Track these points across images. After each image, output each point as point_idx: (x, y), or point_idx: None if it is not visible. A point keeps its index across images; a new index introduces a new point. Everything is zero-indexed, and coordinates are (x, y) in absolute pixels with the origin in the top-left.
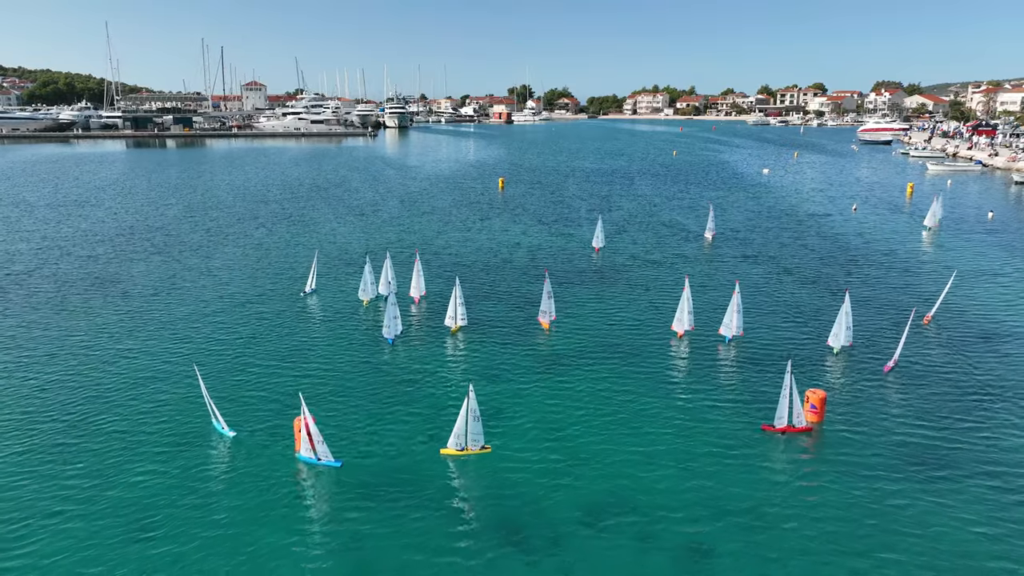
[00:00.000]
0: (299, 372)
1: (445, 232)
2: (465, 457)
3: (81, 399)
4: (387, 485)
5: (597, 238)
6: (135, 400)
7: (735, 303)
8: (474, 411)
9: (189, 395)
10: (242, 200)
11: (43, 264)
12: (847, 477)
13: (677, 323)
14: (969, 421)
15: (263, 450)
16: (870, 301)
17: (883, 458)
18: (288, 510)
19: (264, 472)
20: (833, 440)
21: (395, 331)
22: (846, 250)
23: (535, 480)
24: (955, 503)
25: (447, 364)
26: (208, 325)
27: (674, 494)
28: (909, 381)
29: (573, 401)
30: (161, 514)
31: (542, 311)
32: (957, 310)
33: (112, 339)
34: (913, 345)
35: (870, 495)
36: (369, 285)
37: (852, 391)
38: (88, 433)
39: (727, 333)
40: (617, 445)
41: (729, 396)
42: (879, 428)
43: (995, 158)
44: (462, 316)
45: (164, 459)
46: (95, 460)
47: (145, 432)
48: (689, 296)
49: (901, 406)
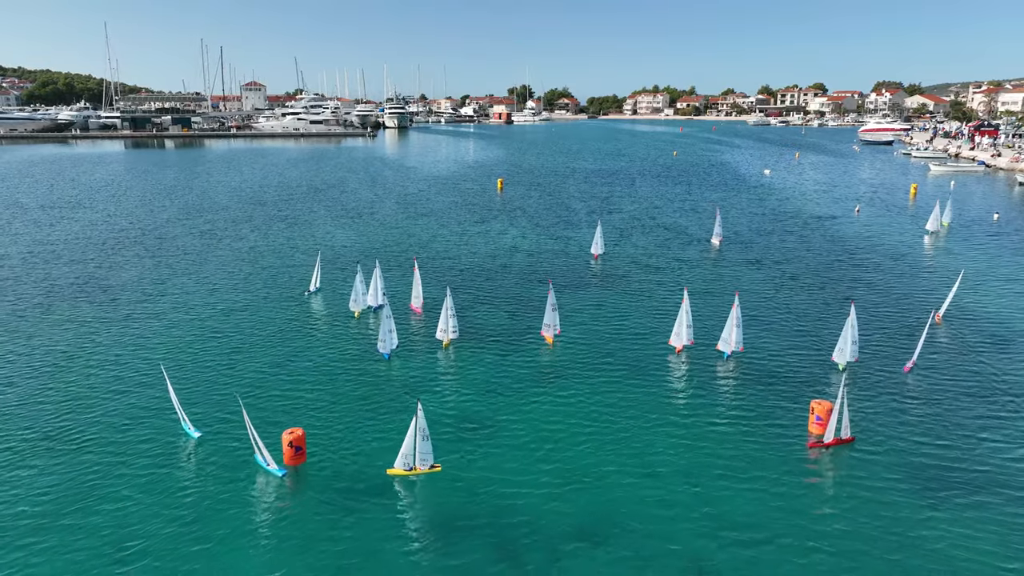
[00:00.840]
0: (287, 386)
1: (441, 236)
2: (414, 477)
3: (60, 412)
4: (376, 500)
5: (596, 244)
6: (110, 413)
7: (734, 316)
8: (423, 430)
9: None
10: (237, 203)
11: (32, 269)
12: (857, 492)
13: (675, 338)
14: (986, 431)
15: (244, 465)
16: (878, 307)
17: (896, 472)
18: (270, 529)
19: (248, 487)
20: (840, 454)
21: (391, 345)
22: (851, 254)
23: (530, 497)
24: (971, 517)
25: (441, 379)
26: (194, 331)
27: (674, 512)
28: (921, 389)
29: (569, 417)
30: (137, 531)
31: (546, 324)
32: (969, 314)
33: (97, 346)
34: (927, 352)
35: (882, 511)
36: (360, 296)
37: (861, 401)
38: (69, 445)
39: (725, 349)
40: (615, 462)
41: (730, 412)
42: (891, 440)
43: (998, 159)
44: (453, 329)
45: (141, 470)
46: (75, 474)
47: (121, 442)
48: (688, 309)
49: (914, 416)
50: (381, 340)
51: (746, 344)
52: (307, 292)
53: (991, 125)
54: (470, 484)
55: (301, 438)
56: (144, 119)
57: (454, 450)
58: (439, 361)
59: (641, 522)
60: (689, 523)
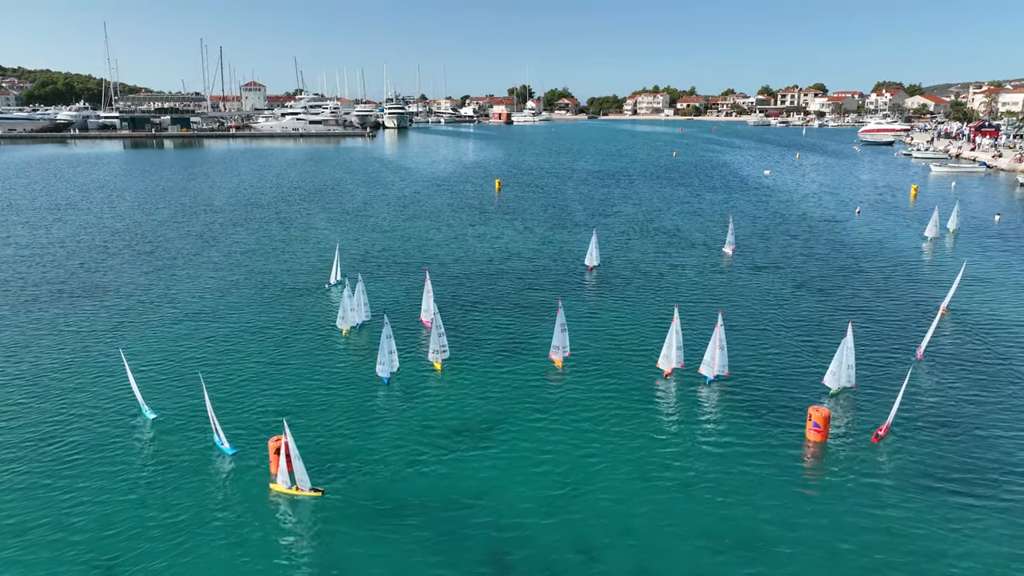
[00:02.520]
0: (275, 398)
1: (434, 240)
2: (298, 497)
3: (27, 425)
4: (372, 515)
5: (591, 255)
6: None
7: (717, 338)
8: (294, 450)
9: (185, 409)
10: (231, 207)
11: (20, 274)
12: (861, 500)
13: (663, 360)
14: (992, 429)
15: (240, 473)
16: (879, 308)
17: (897, 479)
18: (263, 535)
19: (243, 496)
20: (839, 460)
21: (391, 368)
22: (855, 260)
23: (524, 511)
24: (977, 517)
25: (439, 402)
26: (186, 339)
27: (674, 525)
28: (925, 393)
29: (563, 434)
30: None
31: (555, 346)
32: (971, 315)
33: (83, 352)
34: (933, 354)
35: (888, 520)
36: (349, 312)
37: (857, 405)
38: (44, 457)
39: (708, 373)
40: (614, 479)
41: (720, 429)
42: (892, 445)
43: (999, 159)
44: (443, 348)
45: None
46: (50, 487)
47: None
48: (679, 329)
49: (921, 420)
50: (380, 363)
51: (746, 361)
52: (327, 285)
53: (992, 126)
54: (464, 497)
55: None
56: (143, 119)
57: (448, 462)
58: (439, 382)
59: (638, 537)
60: (687, 537)
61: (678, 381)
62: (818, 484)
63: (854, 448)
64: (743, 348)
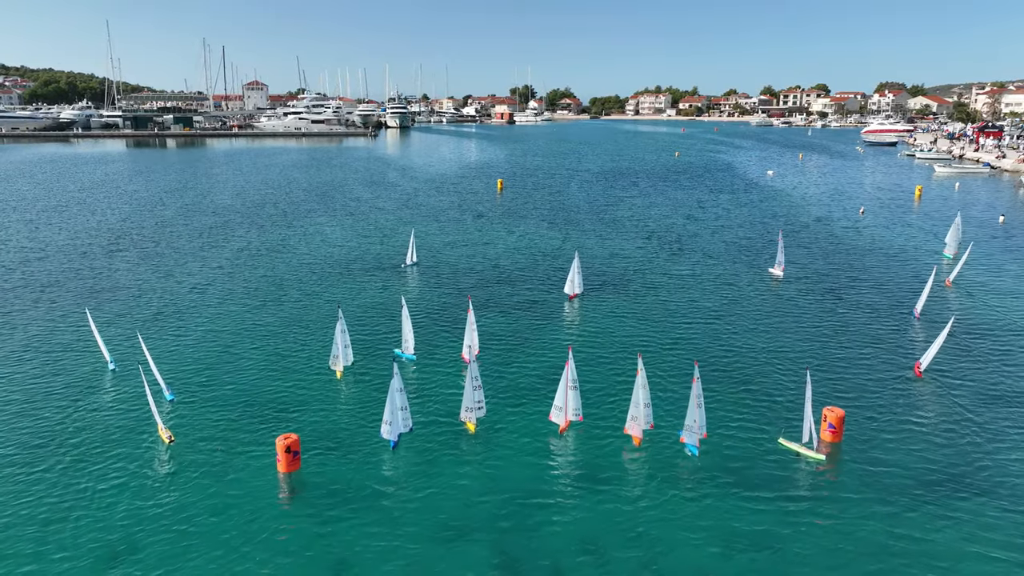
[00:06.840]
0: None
1: (431, 243)
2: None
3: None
4: (371, 508)
5: (573, 282)
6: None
7: (695, 395)
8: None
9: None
10: (231, 211)
11: (7, 275)
12: (872, 506)
13: (631, 423)
14: (996, 440)
15: (241, 472)
16: (881, 311)
17: (909, 483)
18: (267, 533)
19: (246, 496)
20: (853, 463)
21: (400, 428)
22: (860, 262)
23: (532, 506)
24: (982, 523)
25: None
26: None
27: (680, 526)
28: (928, 398)
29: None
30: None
31: (571, 408)
32: (973, 316)
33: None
34: (936, 362)
35: (896, 526)
36: (342, 349)
37: (874, 405)
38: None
39: (691, 440)
40: (615, 475)
41: (740, 413)
42: (903, 448)
43: (1003, 160)
44: (479, 404)
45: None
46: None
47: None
48: (645, 384)
49: (926, 423)
50: (386, 422)
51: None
52: (403, 265)
53: (995, 126)
54: (469, 492)
55: (296, 443)
56: (146, 118)
57: (453, 456)
58: (470, 444)
59: (647, 538)
60: (696, 538)
61: (681, 381)
62: (833, 488)
63: (865, 450)
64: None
